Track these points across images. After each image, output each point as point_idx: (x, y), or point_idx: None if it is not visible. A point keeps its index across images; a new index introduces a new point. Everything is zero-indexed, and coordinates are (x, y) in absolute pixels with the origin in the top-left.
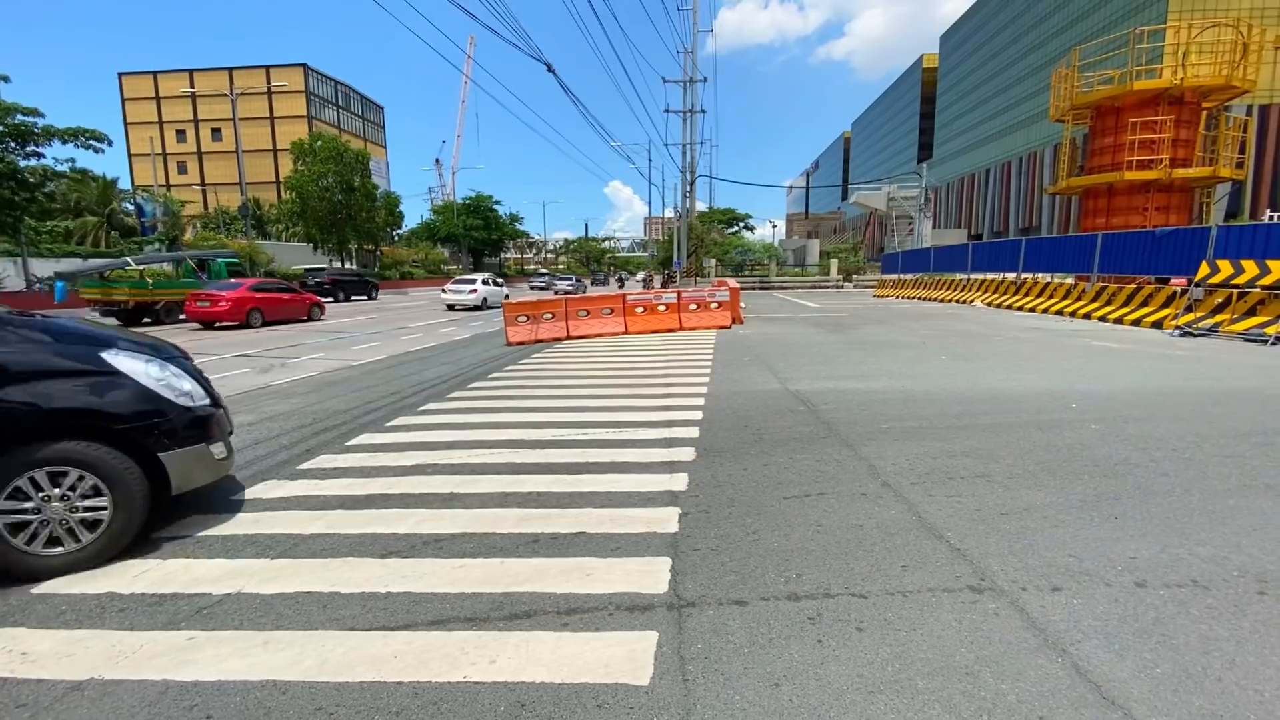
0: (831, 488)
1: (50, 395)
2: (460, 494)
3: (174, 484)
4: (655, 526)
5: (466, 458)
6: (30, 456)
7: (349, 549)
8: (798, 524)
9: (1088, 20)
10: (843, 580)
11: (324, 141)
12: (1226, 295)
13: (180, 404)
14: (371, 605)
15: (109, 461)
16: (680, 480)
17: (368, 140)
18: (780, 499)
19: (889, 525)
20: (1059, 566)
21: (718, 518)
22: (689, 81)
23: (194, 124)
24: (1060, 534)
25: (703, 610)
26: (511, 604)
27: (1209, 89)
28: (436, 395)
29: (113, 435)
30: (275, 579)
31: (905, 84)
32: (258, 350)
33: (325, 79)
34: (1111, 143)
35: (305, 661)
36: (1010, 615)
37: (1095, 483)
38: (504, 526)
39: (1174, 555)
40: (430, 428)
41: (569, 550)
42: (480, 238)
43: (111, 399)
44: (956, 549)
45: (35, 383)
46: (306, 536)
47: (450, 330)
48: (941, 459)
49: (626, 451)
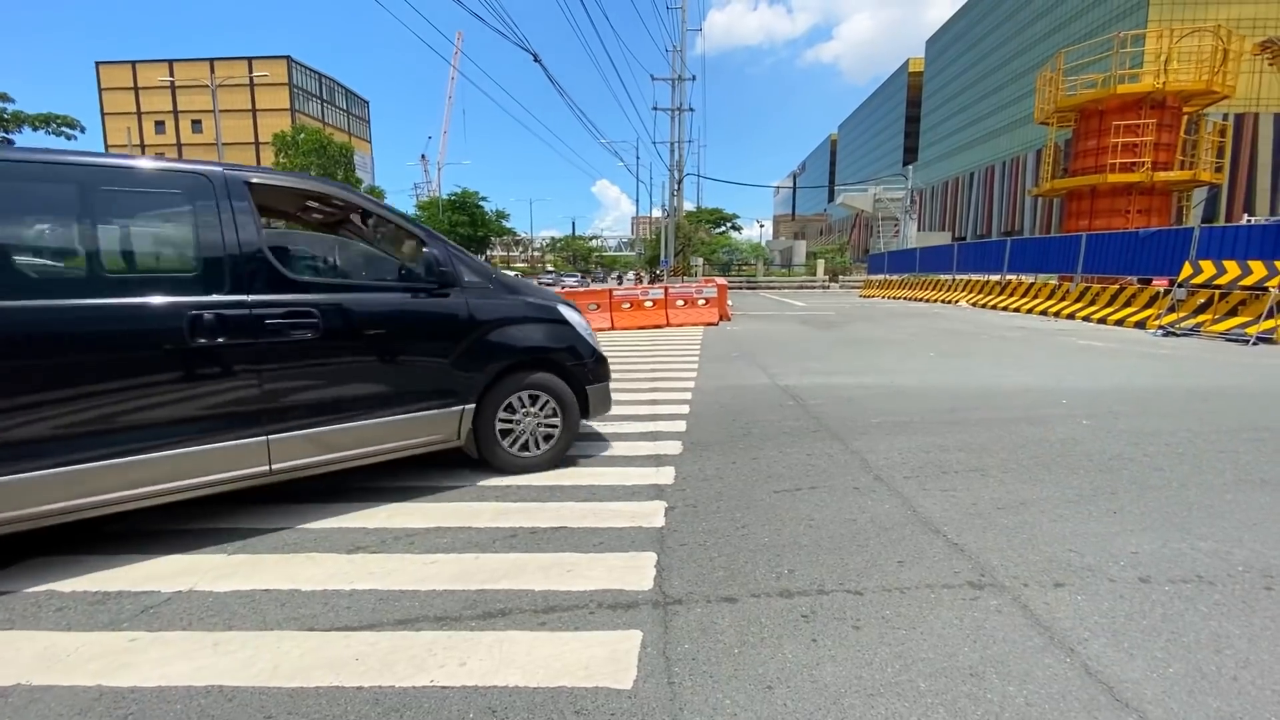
0: (823, 481)
1: (533, 336)
2: (435, 486)
3: (591, 412)
4: (640, 521)
5: None
6: (520, 382)
7: (313, 543)
8: (789, 518)
9: (1069, 28)
10: (837, 576)
11: (307, 134)
12: (1209, 296)
13: (597, 349)
14: (334, 604)
15: (563, 390)
16: (667, 474)
17: (352, 135)
18: (770, 493)
19: (883, 520)
20: (1060, 562)
21: (706, 512)
22: (677, 80)
23: (174, 115)
24: (1059, 528)
25: (690, 608)
26: (486, 602)
27: (1190, 93)
28: None
29: (564, 370)
30: (231, 575)
31: (891, 88)
32: None
33: (309, 72)
34: (1095, 145)
35: (257, 665)
36: (1013, 612)
37: (1091, 477)
38: (480, 520)
39: (1176, 550)
40: None
41: (549, 545)
42: (466, 235)
43: (566, 342)
44: (954, 544)
45: (524, 325)
46: (269, 530)
47: None
48: (934, 453)
49: (613, 444)
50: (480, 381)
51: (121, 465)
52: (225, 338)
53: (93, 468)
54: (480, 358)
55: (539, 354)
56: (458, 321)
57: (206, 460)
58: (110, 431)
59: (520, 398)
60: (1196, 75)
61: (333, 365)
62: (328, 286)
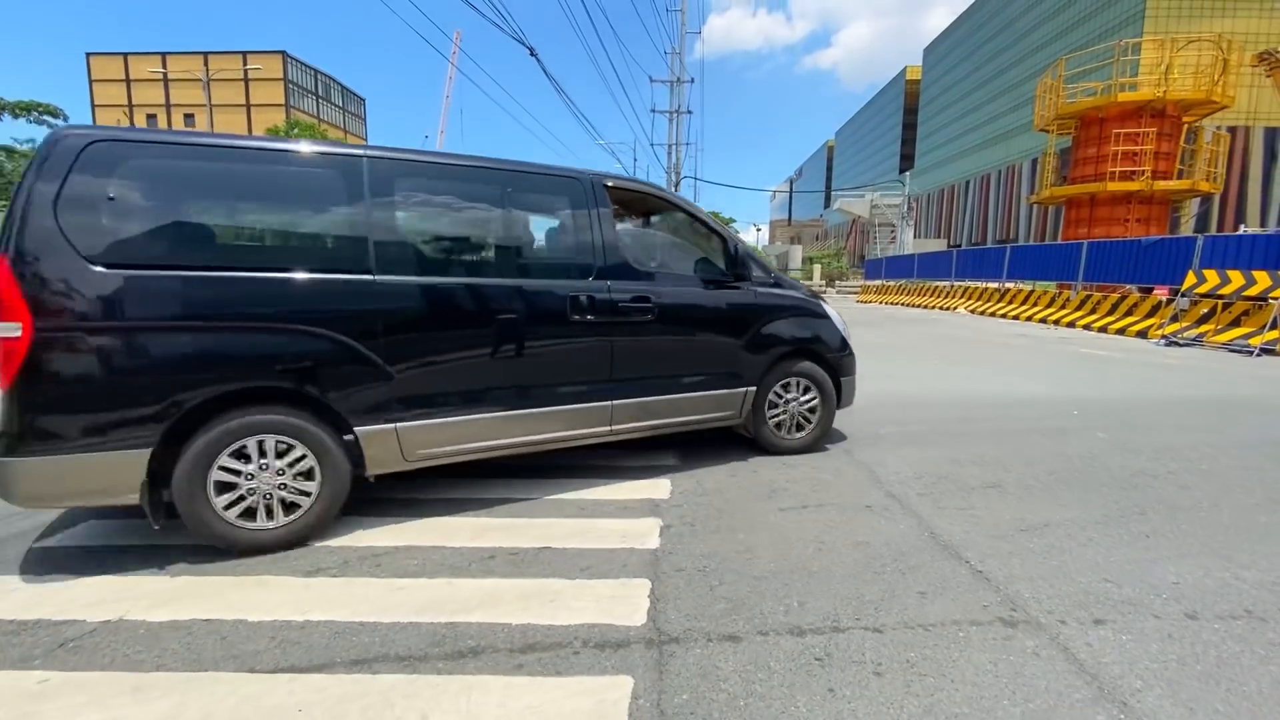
0: (831, 498)
1: (803, 328)
2: (411, 500)
3: (843, 403)
4: (632, 540)
5: None
6: (789, 369)
7: (269, 564)
8: (796, 540)
9: (1065, 39)
10: (853, 609)
11: (300, 129)
12: (1211, 306)
13: (850, 344)
14: (283, 638)
15: (824, 379)
16: (662, 487)
17: (348, 132)
18: (775, 510)
19: (899, 543)
20: (1097, 594)
21: (704, 531)
22: (676, 82)
23: (165, 108)
24: (1090, 554)
25: (689, 648)
26: (456, 638)
27: (1190, 103)
28: None
29: (825, 361)
30: (170, 602)
31: (889, 95)
32: None
33: (305, 68)
34: (1095, 153)
35: (184, 715)
36: (1053, 655)
37: (1115, 495)
38: (457, 538)
39: (1220, 580)
40: None
41: (531, 569)
42: None
43: (828, 335)
44: (978, 571)
45: (797, 318)
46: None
47: None
48: (947, 467)
49: (604, 455)
50: (762, 366)
51: (519, 416)
52: (593, 316)
53: (495, 417)
54: (763, 345)
55: (807, 344)
56: (748, 311)
57: (573, 418)
58: (511, 387)
59: (787, 384)
60: (1196, 85)
61: (660, 344)
62: (659, 276)
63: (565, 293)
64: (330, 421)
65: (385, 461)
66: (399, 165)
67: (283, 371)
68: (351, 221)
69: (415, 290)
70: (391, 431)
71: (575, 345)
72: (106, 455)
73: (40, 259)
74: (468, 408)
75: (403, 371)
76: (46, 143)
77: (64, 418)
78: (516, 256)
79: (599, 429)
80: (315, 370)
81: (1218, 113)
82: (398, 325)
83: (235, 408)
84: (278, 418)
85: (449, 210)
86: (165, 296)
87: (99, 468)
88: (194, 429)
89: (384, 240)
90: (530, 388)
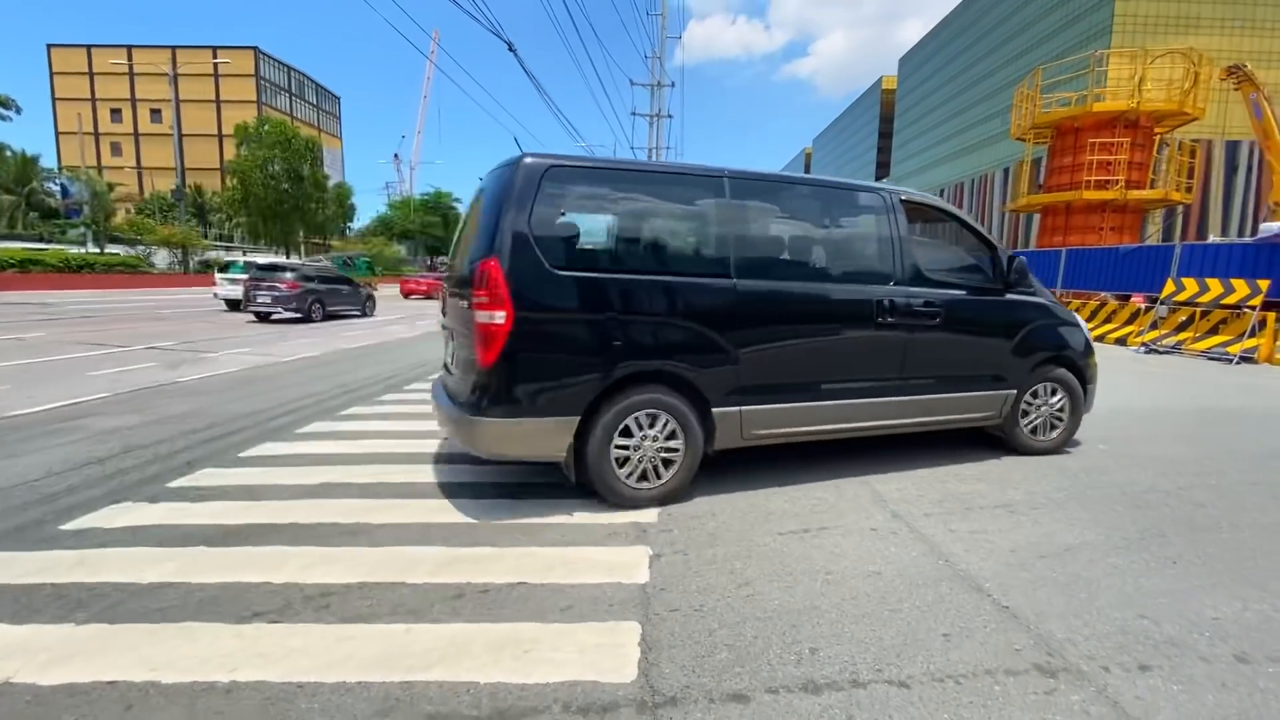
0: (833, 520)
1: (1060, 335)
2: (369, 525)
3: (1087, 408)
4: (619, 574)
5: (386, 475)
6: (1044, 374)
7: (197, 608)
8: (801, 571)
9: (1036, 51)
10: (872, 657)
11: (271, 126)
12: (1190, 314)
13: (1094, 351)
14: (201, 705)
15: (1074, 385)
16: (649, 509)
17: (322, 130)
18: (774, 535)
19: (913, 573)
20: (1135, 633)
21: (699, 561)
22: (657, 85)
23: (131, 103)
24: (1119, 585)
25: (688, 712)
26: (411, 702)
27: (1163, 114)
28: (365, 398)
29: (1075, 367)
30: (71, 658)
31: (865, 104)
32: None
33: (278, 64)
34: (1070, 162)
35: None
36: (1104, 713)
37: (1130, 515)
38: (419, 573)
39: (1261, 615)
40: (350, 436)
41: (503, 610)
42: (439, 236)
43: (1079, 342)
44: (1003, 607)
45: (1055, 326)
46: (143, 588)
47: (398, 329)
48: (950, 483)
49: None
50: (1024, 369)
51: (828, 406)
52: (892, 319)
53: (810, 405)
54: (1027, 349)
55: (1061, 350)
56: (1015, 318)
57: (870, 409)
58: (824, 380)
59: (1040, 388)
60: (1169, 97)
61: (941, 346)
62: (941, 283)
63: (872, 297)
64: (695, 401)
65: (727, 439)
66: (750, 184)
67: (671, 357)
68: (720, 234)
69: (762, 293)
70: (736, 413)
71: (876, 345)
72: (552, 420)
73: (519, 261)
74: (790, 395)
75: (748, 362)
76: (510, 165)
77: (526, 388)
78: (836, 263)
79: (889, 421)
80: (691, 357)
81: (1189, 124)
82: (747, 323)
83: (631, 386)
84: (660, 396)
85: (787, 221)
86: (596, 294)
87: (544, 430)
88: (601, 404)
89: (741, 249)
90: (839, 381)
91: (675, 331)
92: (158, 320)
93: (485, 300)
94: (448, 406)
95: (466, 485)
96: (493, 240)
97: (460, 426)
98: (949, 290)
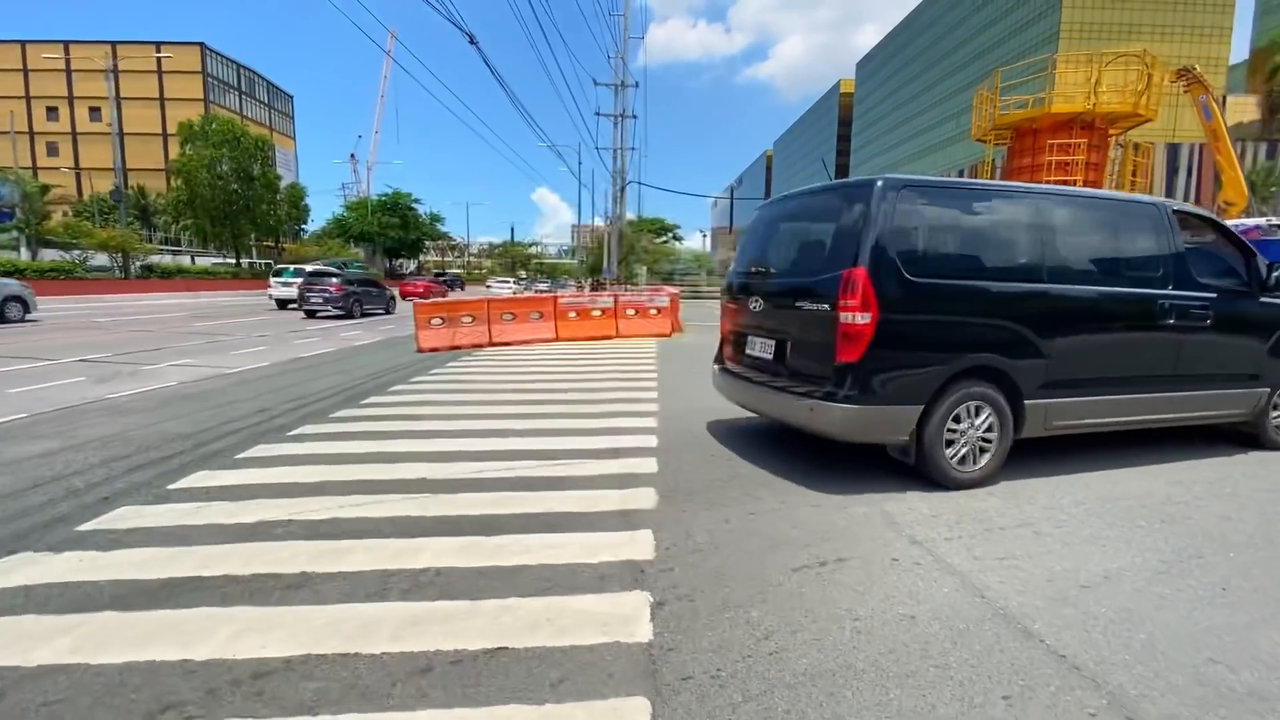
0: (849, 548)
1: None
2: (316, 575)
3: None
4: (617, 630)
5: (338, 509)
6: None
7: (93, 703)
8: (826, 617)
9: (988, 57)
10: None
11: (218, 124)
12: None
13: None
14: None
15: None
16: (644, 542)
17: (275, 130)
18: (788, 571)
19: (950, 614)
20: (1212, 683)
21: (708, 610)
22: (620, 86)
23: (69, 101)
24: (1174, 620)
25: None
26: None
27: (1117, 115)
28: (316, 415)
29: None
30: None
31: (824, 107)
32: None
33: (226, 61)
34: (1030, 163)
35: None
36: None
37: (1160, 531)
38: (376, 640)
39: None
40: (297, 461)
41: (480, 689)
42: (397, 238)
43: None
44: (1060, 656)
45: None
46: (27, 674)
47: (356, 334)
48: (963, 499)
49: (566, 496)
50: (1278, 369)
51: (1115, 400)
52: (1170, 320)
53: (1099, 399)
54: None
55: None
56: (1267, 319)
57: (1149, 404)
58: (1112, 375)
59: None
60: (1123, 99)
61: (1209, 345)
62: (1209, 287)
63: (1154, 300)
64: (1011, 394)
65: (1032, 428)
66: (1058, 199)
67: (998, 354)
68: (1034, 244)
69: (1069, 296)
70: (1044, 405)
71: (1157, 344)
72: (902, 407)
73: (880, 270)
74: (1086, 389)
75: (1055, 358)
76: (867, 184)
77: (882, 379)
78: (1126, 269)
79: (1160, 415)
80: (1013, 354)
81: (1142, 125)
82: (1057, 323)
83: (965, 379)
84: (986, 389)
85: (1087, 232)
86: (942, 298)
87: (894, 416)
88: (940, 394)
89: (1051, 257)
90: (1124, 376)
91: (1002, 332)
92: (94, 329)
93: (853, 304)
94: (782, 396)
95: (435, 520)
96: (856, 252)
97: (817, 413)
98: (1215, 294)
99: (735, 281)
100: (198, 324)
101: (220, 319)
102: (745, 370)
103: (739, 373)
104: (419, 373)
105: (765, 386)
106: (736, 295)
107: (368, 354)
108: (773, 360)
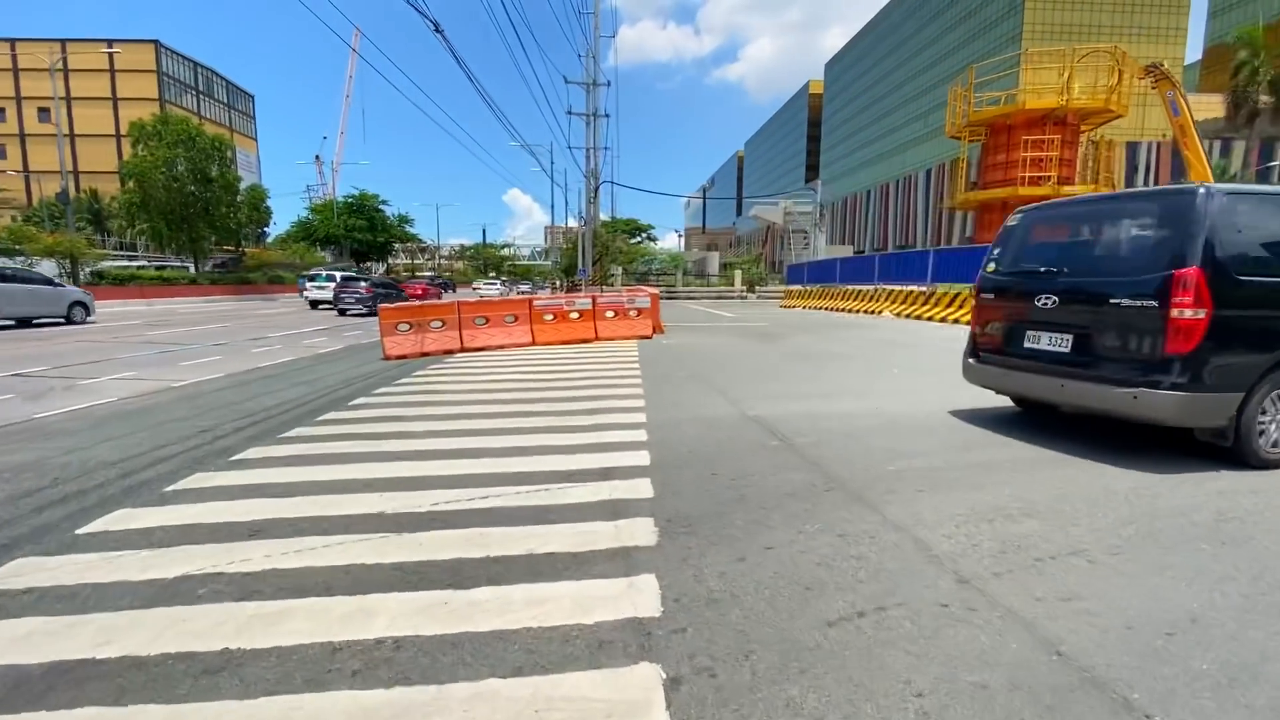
0: (888, 593)
1: None
2: (242, 654)
3: None
4: None
5: (279, 557)
6: None
7: None
8: (883, 695)
9: (954, 57)
10: None
11: (173, 124)
12: None
13: None
14: None
15: None
16: (647, 590)
17: (235, 131)
18: (823, 626)
19: (1027, 679)
20: None
21: (736, 689)
22: (592, 84)
23: (15, 101)
24: None
25: None
26: None
27: (1089, 111)
28: (265, 435)
29: None
30: None
31: (793, 108)
32: None
33: (183, 60)
34: (1004, 159)
35: None
36: None
37: (1222, 556)
38: None
39: None
40: (235, 494)
41: None
42: (364, 240)
43: None
44: None
45: None
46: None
47: (320, 340)
48: (1000, 523)
49: (551, 531)
50: None
51: None
52: None
53: None
54: None
55: None
56: None
57: None
58: None
59: None
60: (1094, 95)
61: None
62: None
63: None
64: None
65: None
66: None
67: None
68: None
69: None
70: None
71: None
72: (1226, 395)
73: (1211, 270)
74: None
75: None
76: (1189, 192)
77: (1212, 369)
78: None
79: None
80: None
81: (1114, 120)
82: None
83: (1277, 369)
84: None
85: None
86: (1264, 296)
87: (1219, 402)
88: (1259, 383)
89: None
90: None
91: None
92: (36, 340)
93: (1187, 301)
94: (1090, 385)
95: (394, 570)
96: (1184, 253)
97: (1141, 400)
98: None
99: (1003, 281)
100: (150, 332)
101: (223, 321)
102: (1023, 362)
103: (1017, 364)
104: (384, 383)
105: (1062, 376)
106: (1007, 293)
107: (330, 363)
108: (1071, 352)
